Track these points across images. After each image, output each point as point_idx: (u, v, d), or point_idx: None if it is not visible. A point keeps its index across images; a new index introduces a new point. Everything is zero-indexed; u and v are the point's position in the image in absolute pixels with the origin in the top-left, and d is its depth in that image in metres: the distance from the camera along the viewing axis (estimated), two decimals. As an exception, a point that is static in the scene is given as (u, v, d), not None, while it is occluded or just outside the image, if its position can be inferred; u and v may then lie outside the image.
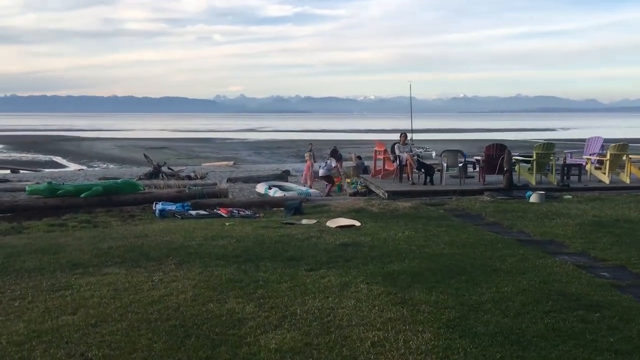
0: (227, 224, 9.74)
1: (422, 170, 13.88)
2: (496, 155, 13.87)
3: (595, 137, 16.13)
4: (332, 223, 9.61)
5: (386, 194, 13.03)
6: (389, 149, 15.48)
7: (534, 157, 13.85)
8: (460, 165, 13.96)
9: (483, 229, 8.92)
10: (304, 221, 10.08)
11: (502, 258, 6.89)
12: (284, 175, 22.89)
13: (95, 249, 7.64)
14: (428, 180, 13.95)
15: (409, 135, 15.39)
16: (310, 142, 27.80)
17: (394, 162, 14.56)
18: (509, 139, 69.18)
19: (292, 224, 9.74)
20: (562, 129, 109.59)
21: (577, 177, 14.57)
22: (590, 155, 15.41)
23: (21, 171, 29.35)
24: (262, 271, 6.38)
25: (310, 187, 16.59)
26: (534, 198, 11.86)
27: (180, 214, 10.95)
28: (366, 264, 6.68)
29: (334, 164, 15.96)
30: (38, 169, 32.54)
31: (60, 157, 42.77)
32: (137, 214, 11.16)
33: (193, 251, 7.42)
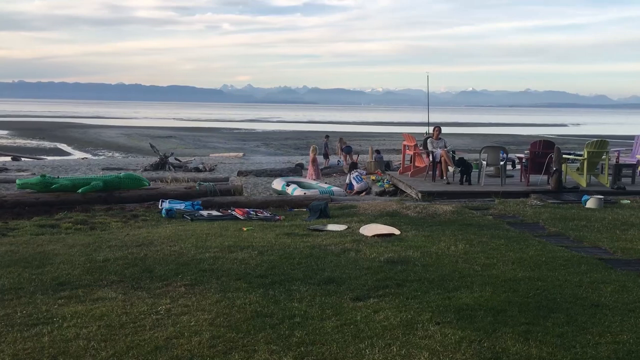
0: (244, 228, 8.36)
1: (460, 168, 12.45)
2: (542, 152, 12.42)
3: (646, 134, 14.67)
4: (367, 230, 8.23)
5: (420, 195, 11.62)
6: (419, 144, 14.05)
7: (585, 156, 12.39)
8: (502, 163, 12.51)
9: (549, 242, 7.51)
10: (332, 226, 8.70)
11: (594, 286, 5.49)
12: (298, 169, 21.52)
13: (89, 262, 6.28)
14: (465, 179, 12.52)
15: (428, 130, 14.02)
16: (327, 135, 26.40)
17: (429, 157, 13.12)
18: (521, 134, 67.78)
19: (320, 230, 8.36)
20: (572, 124, 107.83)
21: (629, 178, 13.11)
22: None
23: (23, 159, 28.06)
24: (296, 300, 5.00)
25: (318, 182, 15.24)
26: (591, 203, 10.43)
27: (190, 215, 9.58)
28: (425, 291, 5.29)
29: (363, 174, 14.54)
30: (41, 156, 31.27)
31: (65, 145, 41.53)
32: (141, 214, 9.79)
33: (207, 267, 6.05)
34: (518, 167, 14.42)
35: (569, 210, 10.04)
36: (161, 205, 10.14)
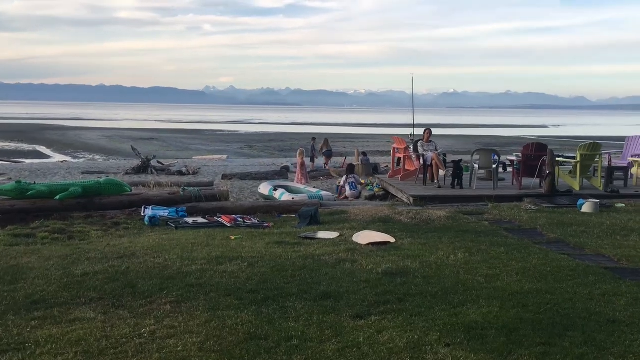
0: (232, 237, 7.97)
1: (452, 172, 12.14)
2: (534, 155, 12.17)
3: (636, 136, 14.49)
4: (361, 238, 7.88)
5: (411, 200, 11.30)
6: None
7: (578, 159, 12.16)
8: (494, 166, 12.24)
9: (550, 250, 7.22)
10: (323, 234, 8.35)
11: (606, 299, 5.18)
12: (284, 172, 21.11)
13: (66, 276, 5.84)
14: (456, 183, 12.23)
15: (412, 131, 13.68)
16: (313, 137, 26.01)
17: (419, 161, 12.80)
18: (503, 135, 67.96)
19: (312, 238, 8.00)
20: (553, 125, 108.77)
21: (622, 181, 12.91)
22: (632, 156, 13.76)
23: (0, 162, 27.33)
24: (292, 319, 4.63)
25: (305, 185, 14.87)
26: (587, 207, 10.18)
27: (174, 222, 9.16)
28: (430, 306, 4.95)
29: (361, 180, 14.09)
30: (19, 160, 30.54)
31: (44, 147, 40.70)
32: (123, 221, 9.33)
33: (194, 281, 5.65)
34: (509, 169, 14.16)
35: (565, 215, 9.78)
36: (144, 212, 9.70)
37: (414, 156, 13.27)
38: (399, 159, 25.31)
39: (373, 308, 4.93)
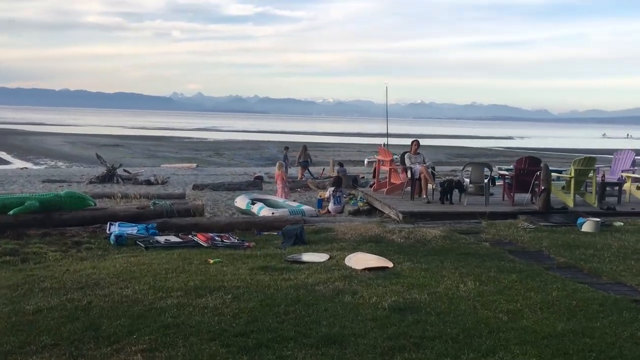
0: (210, 260, 7.07)
1: (441, 187, 11.45)
2: (527, 170, 11.57)
3: (626, 150, 14.04)
4: (355, 262, 7.08)
5: (401, 216, 10.55)
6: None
7: (572, 174, 11.60)
8: (486, 181, 11.59)
9: (566, 278, 6.53)
10: (311, 256, 7.51)
11: (653, 343, 4.48)
12: (258, 183, 20.20)
13: (15, 314, 4.89)
14: (446, 198, 11.54)
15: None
16: (286, 146, 25.13)
17: (405, 174, 12.08)
18: (472, 146, 68.16)
19: (300, 262, 7.16)
20: (518, 137, 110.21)
21: (615, 197, 12.42)
22: (623, 171, 13.29)
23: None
24: (294, 374, 3.78)
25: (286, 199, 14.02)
26: (588, 227, 9.58)
27: (144, 241, 8.21)
28: (455, 355, 4.17)
29: (344, 195, 13.24)
30: (-26, 166, 28.93)
31: (4, 153, 38.93)
32: (85, 240, 8.33)
33: (170, 321, 4.75)
34: (498, 183, 13.57)
35: (567, 235, 9.16)
36: (109, 230, 8.72)
37: (400, 169, 12.54)
38: (375, 170, 24.66)
39: (387, 357, 4.12)
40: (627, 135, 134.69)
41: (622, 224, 10.35)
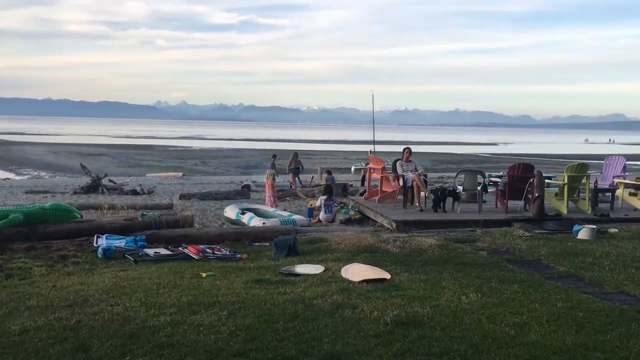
0: (203, 274, 6.84)
1: (434, 195, 11.30)
2: (520, 177, 11.47)
3: (616, 156, 14.02)
4: (351, 274, 6.89)
5: (394, 225, 10.39)
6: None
7: (565, 180, 11.53)
8: (479, 188, 11.47)
9: (569, 288, 6.39)
10: (306, 268, 7.32)
11: (667, 357, 4.33)
12: (245, 192, 19.96)
13: (-1, 335, 4.63)
14: (439, 206, 11.39)
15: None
16: (274, 154, 24.90)
17: (397, 182, 11.92)
18: (457, 153, 68.37)
19: (295, 274, 6.95)
20: (502, 143, 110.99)
21: (608, 203, 12.36)
22: (615, 177, 13.24)
23: None
24: (298, 397, 3.58)
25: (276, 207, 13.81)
26: (584, 234, 9.48)
27: (133, 254, 7.95)
28: (464, 373, 3.99)
29: (336, 203, 13.02)
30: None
31: (-15, 164, 38.34)
32: (72, 254, 8.05)
33: (164, 340, 4.52)
34: (489, 190, 13.46)
35: (564, 243, 9.04)
36: (96, 243, 8.44)
37: (391, 176, 12.39)
38: (364, 177, 24.49)
39: (395, 376, 3.93)
40: (610, 140, 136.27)
41: (617, 230, 10.27)
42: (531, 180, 11.14)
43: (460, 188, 11.56)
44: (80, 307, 5.34)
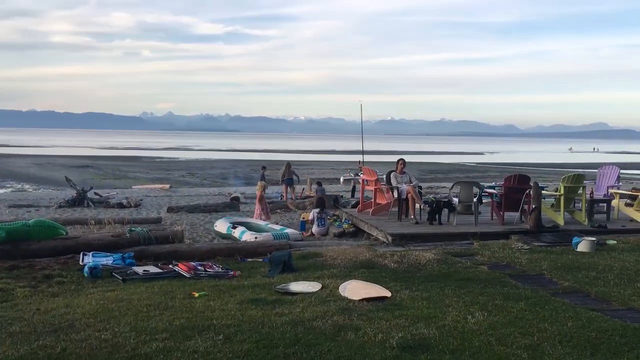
0: (195, 294, 6.54)
1: (430, 207, 11.08)
2: (516, 188, 11.29)
3: (610, 166, 13.89)
4: (350, 292, 6.63)
5: (390, 238, 10.14)
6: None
7: (561, 191, 11.36)
8: (476, 200, 11.27)
9: (576, 305, 6.17)
10: (301, 285, 7.05)
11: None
12: (235, 204, 19.62)
13: (-22, 366, 4.31)
14: (435, 218, 11.18)
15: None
16: (263, 166, 24.57)
17: (392, 193, 11.69)
18: (444, 162, 68.44)
19: (292, 293, 6.67)
20: (488, 152, 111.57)
21: (605, 214, 12.22)
22: (610, 187, 13.11)
23: None
24: None
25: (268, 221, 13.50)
26: (584, 247, 9.29)
27: (121, 273, 7.62)
28: (480, 402, 3.73)
29: (328, 216, 12.76)
30: None
31: (-33, 177, 37.64)
32: (56, 273, 7.70)
33: (157, 370, 4.22)
34: (484, 201, 13.26)
35: (564, 256, 8.85)
36: (83, 261, 8.10)
37: (385, 188, 12.16)
38: (354, 187, 24.25)
39: (407, 408, 3.66)
40: (594, 149, 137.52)
41: (615, 242, 10.11)
42: (528, 191, 10.96)
43: (455, 200, 11.35)
44: (66, 333, 5.02)
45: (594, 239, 9.45)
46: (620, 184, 14.12)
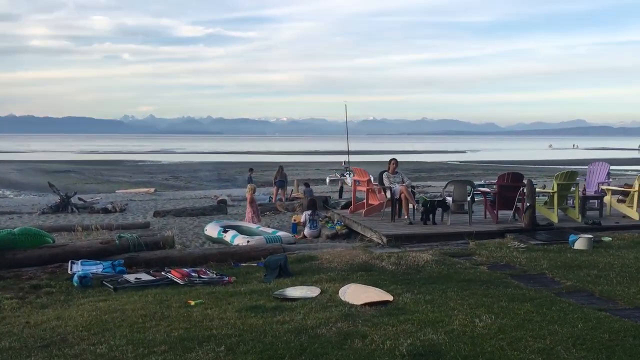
0: (191, 302, 6.31)
1: (423, 207, 10.94)
2: (510, 186, 11.19)
3: (600, 162, 13.87)
4: (350, 296, 6.44)
5: (385, 239, 9.98)
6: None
7: (555, 189, 11.29)
8: (469, 199, 11.16)
9: (583, 305, 6.04)
10: (299, 290, 6.85)
11: None
12: (222, 207, 19.38)
13: (-33, 387, 4.05)
14: (428, 218, 11.04)
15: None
16: (250, 168, 24.32)
17: (384, 194, 11.54)
18: (427, 161, 68.62)
19: (291, 299, 6.47)
20: (470, 151, 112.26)
21: (597, 211, 12.18)
22: (600, 184, 13.08)
23: None
24: None
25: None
26: (581, 244, 9.21)
27: (112, 281, 7.37)
28: (502, 412, 3.56)
29: (320, 218, 12.57)
30: None
31: (-55, 184, 36.86)
32: (44, 283, 7.42)
33: (159, 386, 4.00)
34: (476, 199, 13.16)
35: (562, 254, 8.76)
36: (71, 269, 7.82)
37: (376, 188, 12.00)
38: (341, 188, 24.07)
39: (426, 420, 3.48)
40: (574, 145, 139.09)
41: (610, 239, 10.05)
42: (521, 189, 10.87)
43: (449, 199, 11.23)
44: (58, 348, 4.77)
45: (590, 236, 9.37)
46: (611, 180, 14.11)
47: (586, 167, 14.12)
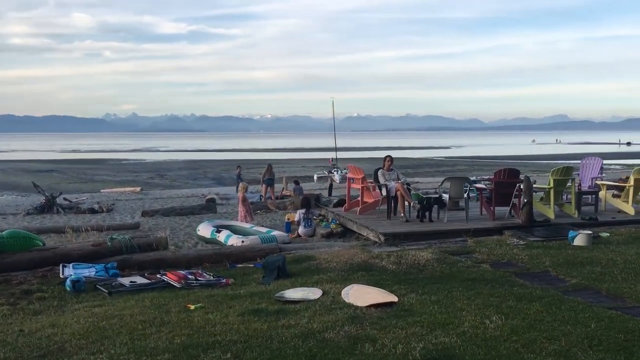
0: (190, 306, 6.10)
1: (420, 204, 10.81)
2: (506, 182, 11.10)
3: (593, 157, 13.84)
4: (354, 297, 6.28)
5: (382, 238, 9.83)
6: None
7: (551, 184, 11.22)
8: (466, 196, 11.04)
9: (592, 304, 5.94)
10: (300, 292, 6.67)
11: None
12: (211, 206, 19.14)
13: (-39, 402, 3.82)
14: (425, 215, 10.92)
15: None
16: (238, 165, 24.08)
17: (379, 191, 11.39)
18: (413, 157, 68.72)
19: (293, 301, 6.29)
20: (455, 146, 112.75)
21: (592, 206, 12.13)
22: (594, 178, 13.05)
23: None
24: None
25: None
26: (580, 240, 9.13)
27: (106, 285, 7.13)
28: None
29: (314, 216, 12.37)
30: None
31: None
32: (36, 288, 7.16)
33: (166, 398, 3.80)
34: (471, 195, 13.07)
35: (563, 251, 8.67)
36: (63, 274, 7.57)
37: (371, 186, 11.85)
38: (331, 185, 23.89)
39: None
40: (557, 140, 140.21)
41: (608, 234, 10.00)
42: (518, 185, 10.78)
43: (445, 196, 11.11)
44: (56, 358, 4.55)
45: (590, 232, 9.31)
46: (604, 174, 14.10)
47: (573, 161, 14.10)
